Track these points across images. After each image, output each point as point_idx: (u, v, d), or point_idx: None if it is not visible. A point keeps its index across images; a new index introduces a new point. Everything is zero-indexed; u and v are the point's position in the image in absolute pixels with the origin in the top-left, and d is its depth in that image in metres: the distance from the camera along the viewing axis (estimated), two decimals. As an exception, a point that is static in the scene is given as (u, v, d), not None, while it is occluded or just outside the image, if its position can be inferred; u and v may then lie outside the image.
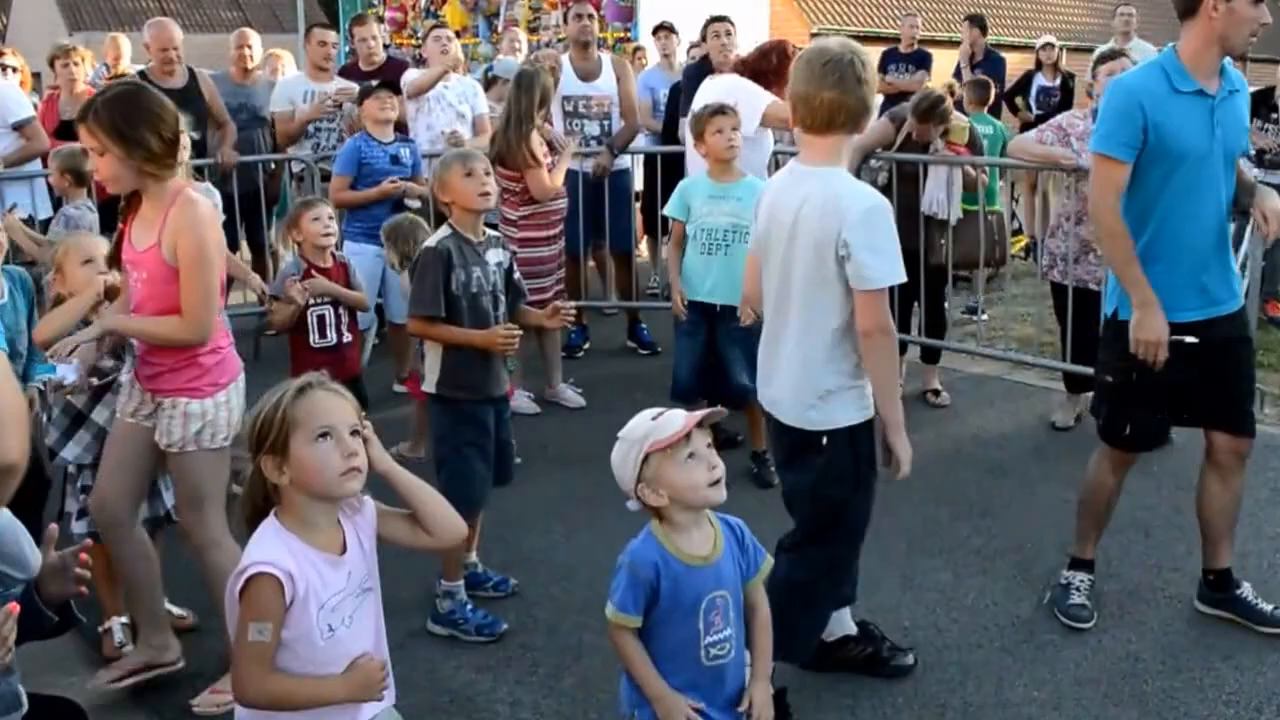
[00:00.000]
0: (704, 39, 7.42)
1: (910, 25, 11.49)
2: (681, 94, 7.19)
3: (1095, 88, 5.48)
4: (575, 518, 4.73)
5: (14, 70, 7.12)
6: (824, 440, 3.15)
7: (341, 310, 4.78)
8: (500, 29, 13.95)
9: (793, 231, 3.10)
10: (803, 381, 3.16)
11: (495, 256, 3.94)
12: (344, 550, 2.26)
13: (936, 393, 6.23)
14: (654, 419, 2.39)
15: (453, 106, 6.94)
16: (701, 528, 2.45)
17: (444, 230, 3.89)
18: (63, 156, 5.43)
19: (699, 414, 2.40)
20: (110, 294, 3.55)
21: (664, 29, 8.44)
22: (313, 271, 4.74)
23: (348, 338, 4.82)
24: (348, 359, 4.82)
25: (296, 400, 2.18)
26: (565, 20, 7.03)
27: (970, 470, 5.20)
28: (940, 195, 5.94)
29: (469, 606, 3.84)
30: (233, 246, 6.28)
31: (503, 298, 3.95)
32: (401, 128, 6.57)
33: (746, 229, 4.42)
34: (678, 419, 2.37)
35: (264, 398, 2.25)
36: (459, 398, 3.84)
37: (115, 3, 32.95)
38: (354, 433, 2.21)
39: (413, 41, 13.11)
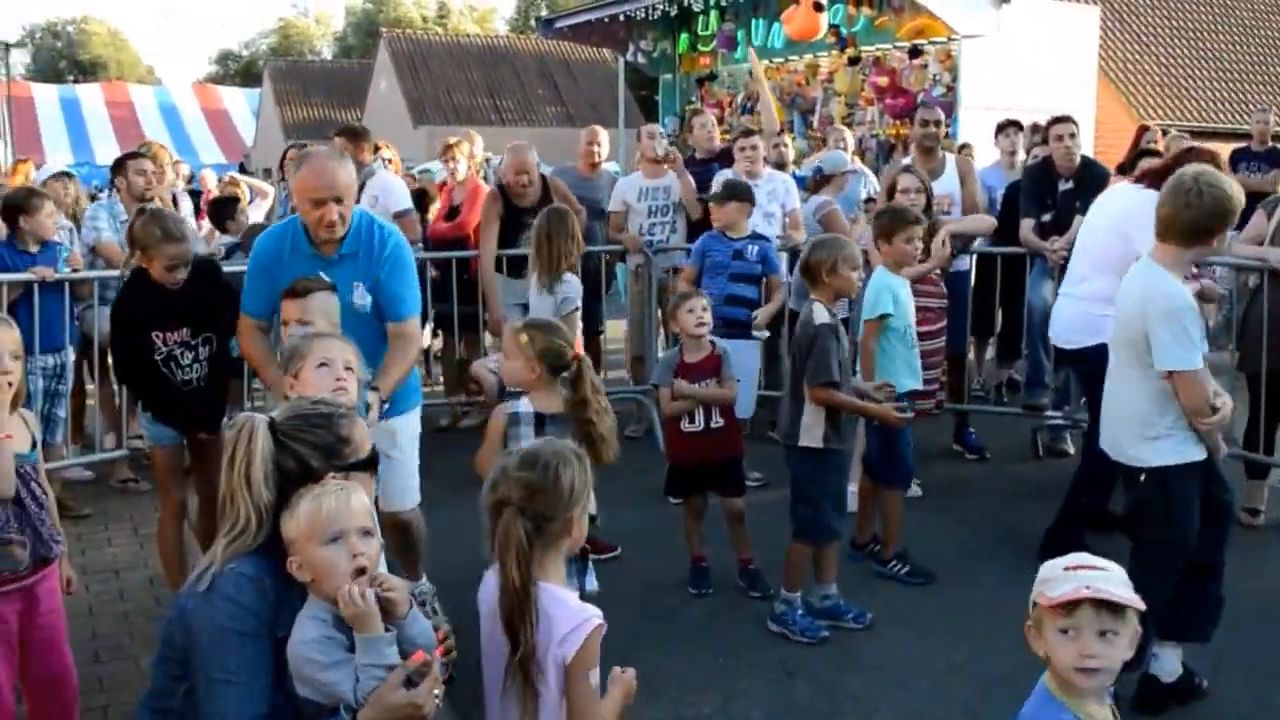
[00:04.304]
0: (1045, 140, 7.23)
1: (1261, 121, 10.78)
2: (1022, 194, 7.00)
3: None
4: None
5: (389, 161, 7.79)
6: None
7: None
8: (815, 124, 14.13)
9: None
10: None
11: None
12: None
13: (1255, 512, 5.72)
14: (1065, 569, 2.18)
15: (761, 207, 6.99)
16: (1102, 702, 2.21)
17: (823, 311, 4.53)
18: None
19: (1100, 595, 2.11)
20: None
21: (1012, 125, 8.24)
22: (680, 372, 4.94)
23: (718, 423, 4.93)
24: (719, 443, 4.94)
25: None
26: (912, 122, 7.01)
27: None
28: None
29: (800, 612, 4.53)
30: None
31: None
32: None
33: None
34: (1065, 581, 2.15)
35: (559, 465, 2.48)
36: (834, 448, 4.54)
37: (455, 99, 35.92)
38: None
39: (727, 136, 13.56)
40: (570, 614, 2.38)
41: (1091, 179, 6.89)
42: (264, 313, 4.12)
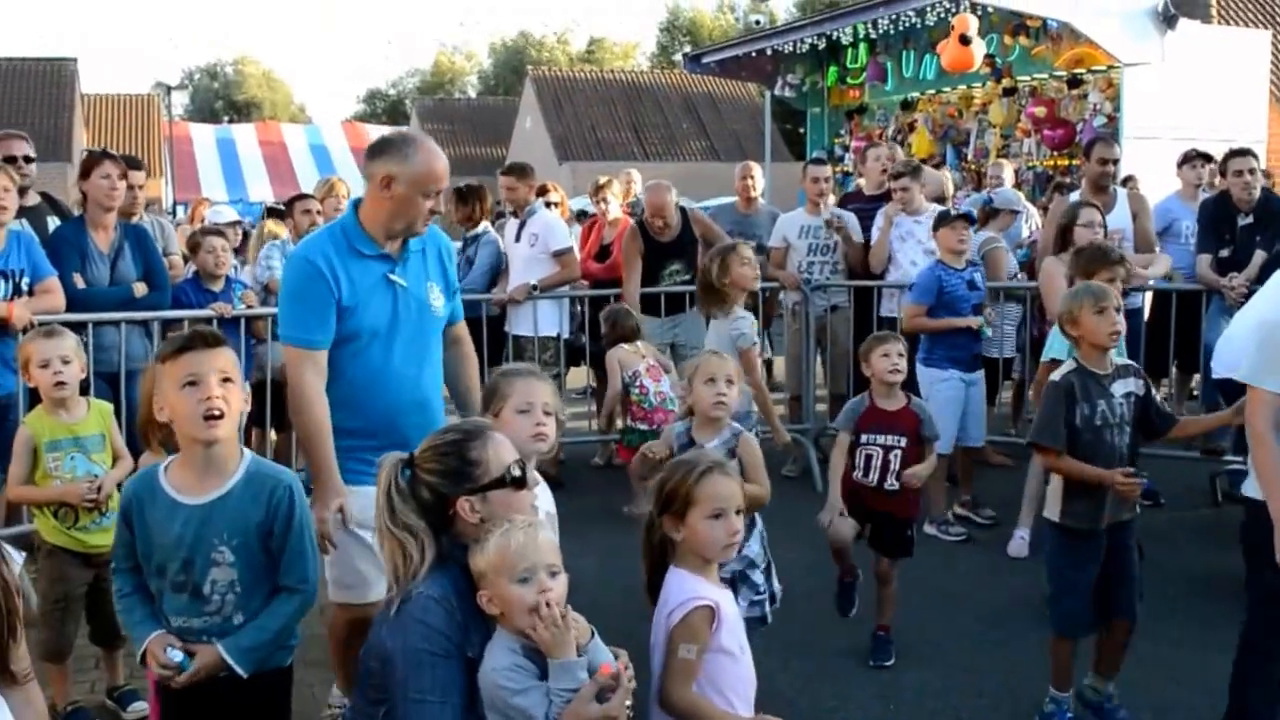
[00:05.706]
0: (1223, 174, 6.98)
1: None
2: (1199, 229, 6.76)
3: None
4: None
5: (555, 205, 7.92)
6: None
7: (892, 456, 4.52)
8: (970, 156, 13.87)
9: None
10: None
11: (1125, 387, 3.92)
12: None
13: None
14: None
15: (921, 244, 6.94)
16: None
17: (1069, 364, 3.95)
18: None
19: None
20: None
21: (1200, 156, 7.91)
22: (867, 417, 4.58)
23: (892, 485, 4.54)
24: (888, 502, 4.57)
25: (700, 480, 2.67)
26: (1088, 158, 6.82)
27: None
28: None
29: (1069, 715, 3.96)
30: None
31: (1129, 428, 3.90)
32: None
33: None
34: None
35: (672, 466, 2.79)
36: (1068, 525, 3.92)
37: (599, 136, 36.46)
38: (738, 511, 2.69)
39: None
40: (682, 592, 2.66)
41: (1273, 213, 6.62)
42: (331, 339, 3.43)
